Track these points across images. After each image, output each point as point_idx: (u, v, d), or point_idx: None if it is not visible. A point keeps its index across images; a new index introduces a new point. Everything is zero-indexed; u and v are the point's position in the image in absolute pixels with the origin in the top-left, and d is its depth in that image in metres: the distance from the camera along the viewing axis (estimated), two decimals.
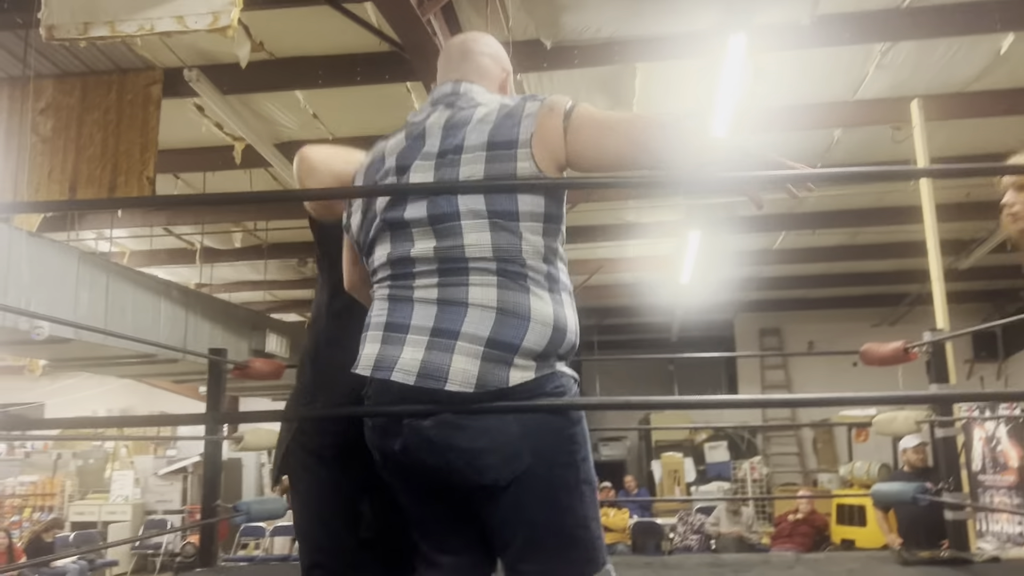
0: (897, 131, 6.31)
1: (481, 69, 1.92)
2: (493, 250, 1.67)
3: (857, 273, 11.59)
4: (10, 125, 5.65)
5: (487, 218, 1.68)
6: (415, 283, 1.72)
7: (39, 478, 12.79)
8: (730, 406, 10.26)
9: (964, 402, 4.90)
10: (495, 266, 1.67)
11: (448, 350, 1.63)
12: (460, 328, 1.64)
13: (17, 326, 5.44)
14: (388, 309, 1.74)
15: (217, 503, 4.86)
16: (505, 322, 1.64)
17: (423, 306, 1.69)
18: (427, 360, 1.64)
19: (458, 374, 1.61)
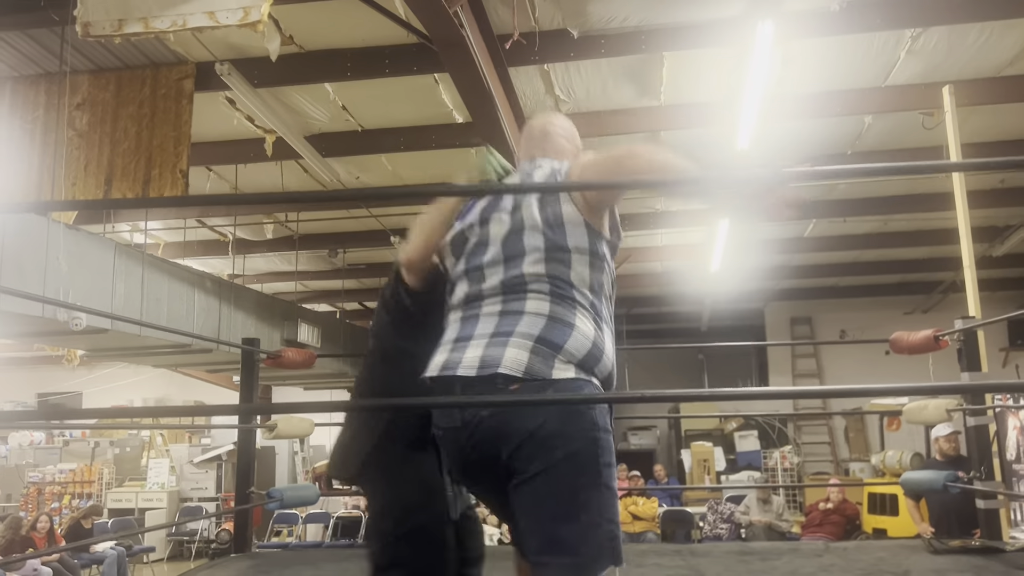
0: (928, 117, 6.23)
1: (559, 148, 2.38)
2: (547, 275, 2.02)
3: (889, 261, 11.47)
4: (47, 120, 5.76)
5: (543, 251, 2.04)
6: (482, 304, 2.07)
7: (77, 466, 13.06)
8: (761, 397, 10.25)
9: (996, 392, 4.85)
10: (548, 287, 2.02)
11: (503, 345, 1.95)
12: (515, 328, 1.97)
13: (56, 317, 5.56)
14: (458, 328, 2.09)
15: (251, 490, 4.96)
16: (553, 327, 1.97)
17: (487, 319, 2.04)
18: (485, 355, 1.95)
19: (510, 360, 1.92)
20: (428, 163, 7.48)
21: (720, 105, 6.19)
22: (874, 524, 9.17)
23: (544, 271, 2.03)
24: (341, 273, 11.22)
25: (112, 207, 7.61)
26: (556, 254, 2.04)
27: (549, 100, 6.31)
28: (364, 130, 6.82)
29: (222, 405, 13.88)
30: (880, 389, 2.22)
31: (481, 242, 2.15)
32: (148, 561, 11.04)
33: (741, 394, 6.26)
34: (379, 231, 9.39)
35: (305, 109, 6.39)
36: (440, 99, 6.26)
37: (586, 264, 2.07)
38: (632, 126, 6.58)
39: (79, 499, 12.45)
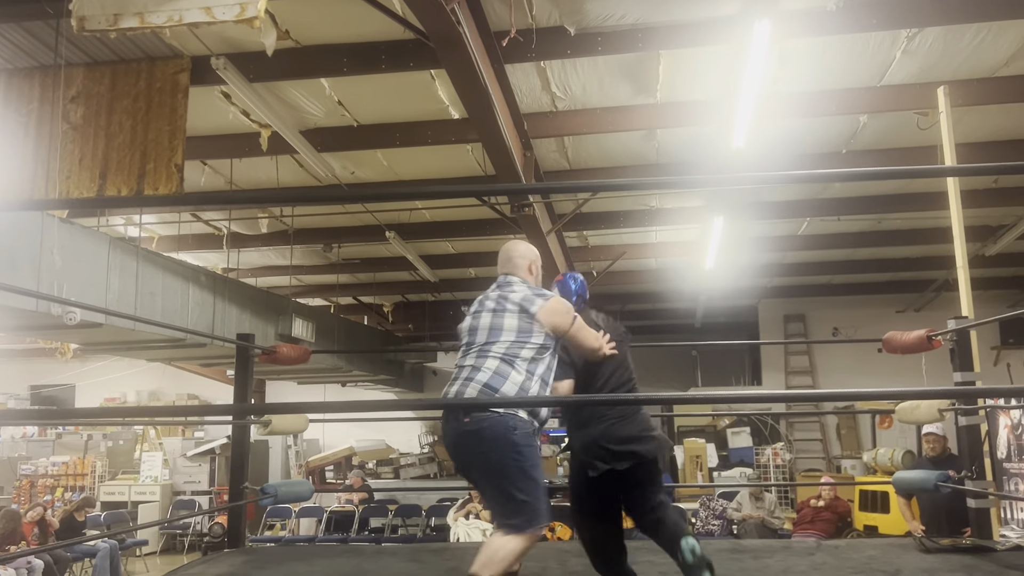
0: (923, 117, 6.24)
1: (518, 267, 3.57)
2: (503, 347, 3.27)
3: (882, 259, 11.50)
4: (42, 113, 5.74)
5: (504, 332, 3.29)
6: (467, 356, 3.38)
7: (70, 458, 13.05)
8: (753, 400, 10.25)
9: (987, 397, 4.88)
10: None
11: (466, 386, 3.25)
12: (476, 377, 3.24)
13: (50, 311, 5.54)
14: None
15: (244, 485, 4.97)
16: (496, 378, 3.20)
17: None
18: (458, 391, 3.27)
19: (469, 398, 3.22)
20: (424, 159, 7.48)
21: (716, 103, 6.20)
22: (865, 521, 9.22)
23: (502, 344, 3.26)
24: (336, 268, 11.21)
25: (106, 206, 7.58)
26: (510, 336, 3.27)
27: (545, 97, 6.31)
28: (360, 125, 6.81)
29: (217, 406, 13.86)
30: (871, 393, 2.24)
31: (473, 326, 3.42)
32: (141, 554, 11.04)
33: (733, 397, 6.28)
34: (374, 226, 9.39)
35: (301, 104, 6.38)
36: (436, 95, 6.26)
37: (527, 346, 3.25)
38: (628, 124, 6.59)
39: (72, 492, 12.44)
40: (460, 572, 4.13)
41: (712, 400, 9.06)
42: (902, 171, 5.33)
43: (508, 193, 6.90)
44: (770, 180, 6.27)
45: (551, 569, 4.25)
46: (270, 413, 5.40)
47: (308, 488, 5.42)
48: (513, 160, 5.94)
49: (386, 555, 4.98)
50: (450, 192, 7.58)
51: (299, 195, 7.02)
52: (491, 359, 3.20)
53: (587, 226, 9.46)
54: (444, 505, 11.09)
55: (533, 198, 7.15)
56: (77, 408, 14.40)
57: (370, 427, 14.18)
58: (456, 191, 7.88)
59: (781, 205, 8.93)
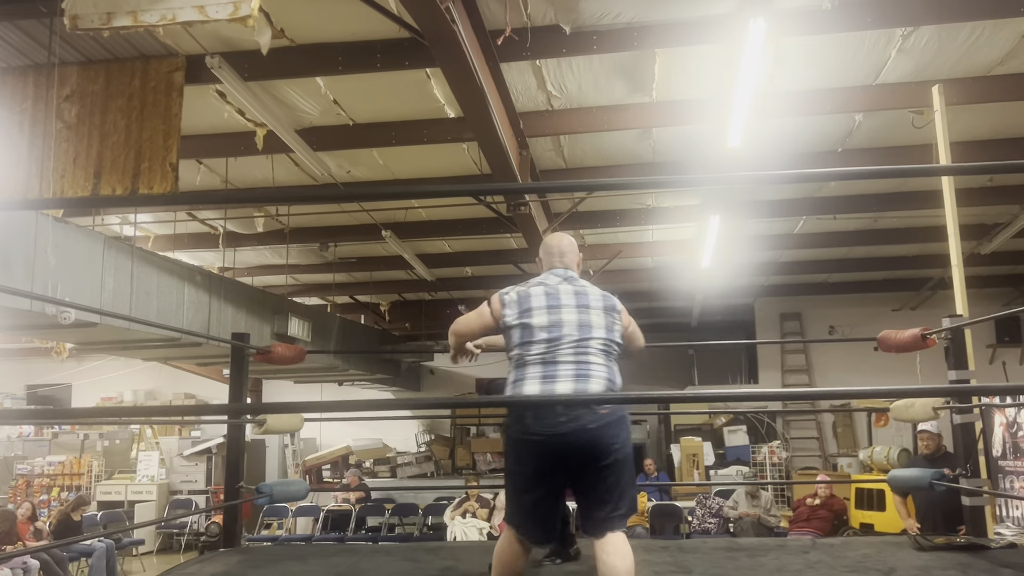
0: (918, 115, 6.25)
1: (573, 261, 3.58)
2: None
3: (878, 257, 11.52)
4: (36, 112, 5.73)
5: (595, 329, 3.30)
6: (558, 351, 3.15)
7: (67, 458, 13.03)
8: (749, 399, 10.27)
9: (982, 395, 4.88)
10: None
11: (587, 382, 3.15)
12: (593, 372, 3.19)
13: (45, 311, 5.53)
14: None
15: (241, 484, 4.96)
16: (611, 371, 3.24)
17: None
18: (579, 387, 3.08)
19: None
20: (419, 158, 7.47)
21: (712, 102, 6.20)
22: (861, 519, 9.23)
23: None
24: (332, 267, 11.21)
25: (101, 205, 7.57)
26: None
27: (541, 96, 6.31)
28: (355, 124, 6.81)
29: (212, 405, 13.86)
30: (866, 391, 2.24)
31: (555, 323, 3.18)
32: (137, 554, 11.03)
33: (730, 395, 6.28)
34: (370, 225, 9.38)
35: (296, 103, 6.37)
36: (432, 94, 6.25)
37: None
38: (624, 122, 6.59)
39: (68, 491, 12.42)
40: (456, 571, 4.13)
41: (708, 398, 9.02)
42: (897, 170, 5.33)
43: (504, 192, 6.91)
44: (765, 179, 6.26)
45: (549, 568, 4.25)
46: (266, 413, 5.39)
47: (304, 487, 5.41)
48: (509, 159, 5.94)
49: (382, 554, 4.97)
50: (446, 191, 7.58)
51: (295, 194, 7.01)
52: (594, 354, 3.13)
53: (583, 225, 9.46)
54: (441, 504, 11.10)
55: (529, 197, 7.15)
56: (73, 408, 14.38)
57: (367, 426, 14.17)
58: (452, 190, 7.87)
59: (777, 204, 8.94)
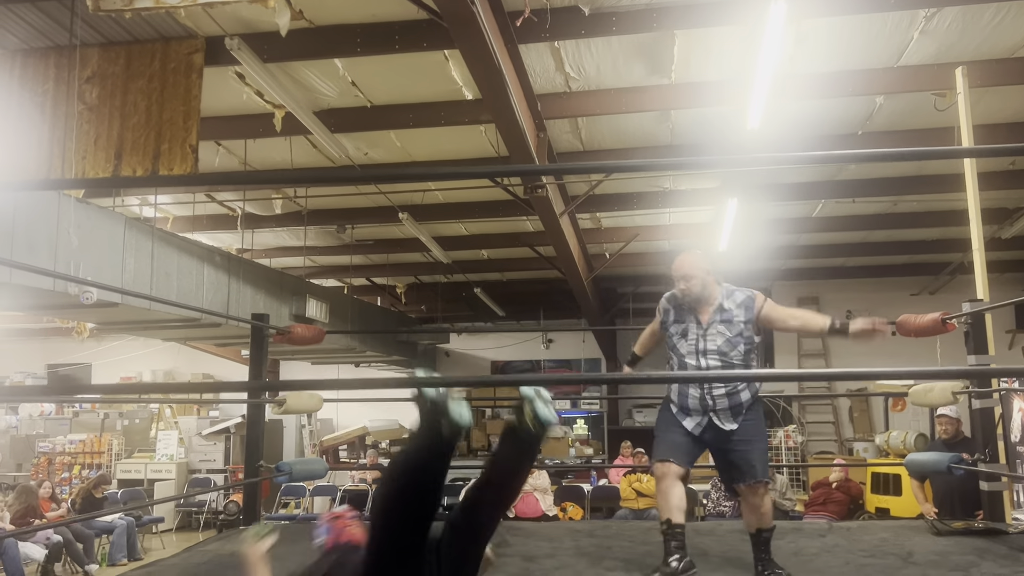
0: (941, 98, 6.19)
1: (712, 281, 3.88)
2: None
3: (897, 242, 11.43)
4: (57, 93, 5.76)
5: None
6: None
7: (87, 437, 13.18)
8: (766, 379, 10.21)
9: (1003, 377, 4.86)
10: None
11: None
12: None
13: (67, 290, 5.59)
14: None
15: (260, 463, 5.02)
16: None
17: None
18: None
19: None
20: (437, 140, 7.47)
21: (731, 84, 6.16)
22: (877, 504, 9.22)
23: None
24: (349, 249, 11.24)
25: (122, 186, 7.61)
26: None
27: (559, 78, 6.28)
28: (373, 106, 6.81)
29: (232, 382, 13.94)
30: (884, 373, 2.23)
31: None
32: (157, 531, 11.17)
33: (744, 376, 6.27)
34: (387, 207, 9.39)
35: (314, 84, 6.38)
36: (450, 75, 6.24)
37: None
38: (642, 104, 6.56)
39: (89, 469, 12.59)
40: None
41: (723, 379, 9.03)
42: (919, 152, 5.27)
43: (521, 174, 6.89)
44: (785, 161, 6.22)
45: (563, 548, 4.28)
46: (285, 390, 5.44)
47: (323, 466, 5.47)
48: (526, 141, 5.93)
49: None
50: (463, 173, 7.56)
51: (313, 175, 7.02)
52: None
53: (600, 208, 9.44)
54: (457, 484, 11.16)
55: (546, 179, 7.13)
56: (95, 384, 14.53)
57: (383, 407, 14.25)
58: (469, 172, 7.86)
59: (796, 187, 8.88)
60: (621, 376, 2.57)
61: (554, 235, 8.34)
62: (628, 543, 4.39)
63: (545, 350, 15.64)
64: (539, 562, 3.95)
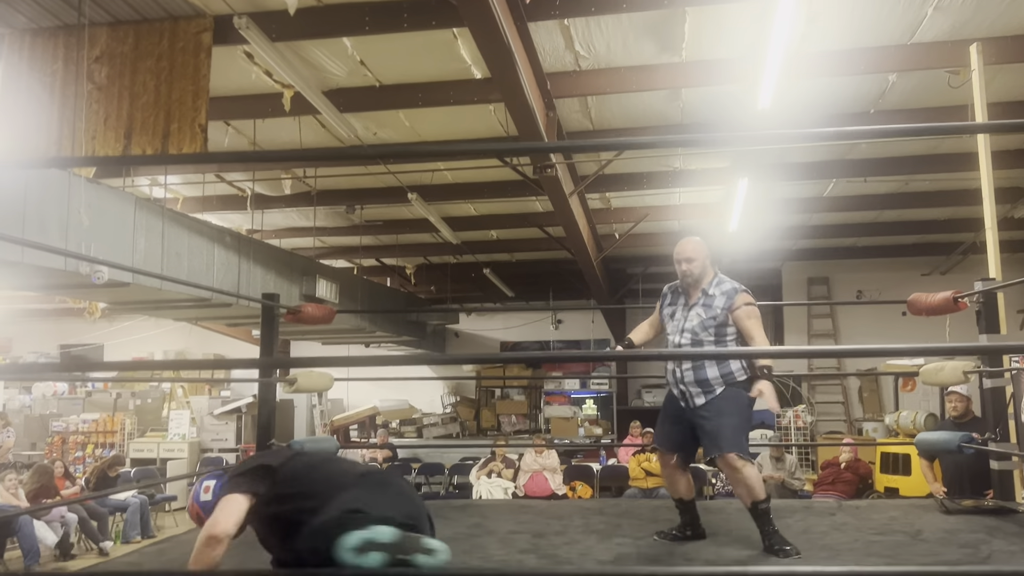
0: (954, 75, 6.13)
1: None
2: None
3: (909, 221, 11.38)
4: (66, 73, 5.76)
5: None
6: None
7: (100, 416, 13.28)
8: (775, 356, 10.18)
9: (1015, 353, 4.84)
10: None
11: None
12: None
13: (78, 270, 5.61)
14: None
15: (271, 442, 5.05)
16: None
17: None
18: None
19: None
20: (446, 119, 7.45)
21: (742, 62, 6.12)
22: (886, 483, 9.22)
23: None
24: (358, 229, 11.25)
25: (132, 164, 7.63)
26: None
27: (569, 56, 6.25)
28: (382, 85, 6.79)
29: (244, 359, 14.00)
30: (896, 350, 2.23)
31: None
32: (170, 509, 11.27)
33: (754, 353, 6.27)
34: (396, 188, 9.39)
35: (323, 64, 6.36)
36: (459, 54, 6.22)
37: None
38: (652, 83, 6.52)
39: (102, 448, 12.69)
40: (483, 528, 4.20)
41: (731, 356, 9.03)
42: (930, 128, 5.22)
43: (531, 152, 6.88)
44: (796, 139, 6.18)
45: (573, 525, 4.30)
46: (295, 366, 5.46)
47: (334, 445, 5.50)
48: (536, 120, 5.90)
49: None
50: (472, 151, 7.55)
51: (321, 154, 7.02)
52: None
53: (610, 188, 9.41)
54: (467, 464, 11.23)
55: (556, 159, 7.11)
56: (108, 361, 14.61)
57: (393, 387, 14.32)
58: (478, 150, 7.84)
59: (807, 166, 8.83)
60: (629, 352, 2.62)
61: (563, 215, 8.32)
62: (637, 521, 4.41)
63: (554, 330, 15.66)
64: (548, 539, 3.97)
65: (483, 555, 3.61)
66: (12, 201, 5.18)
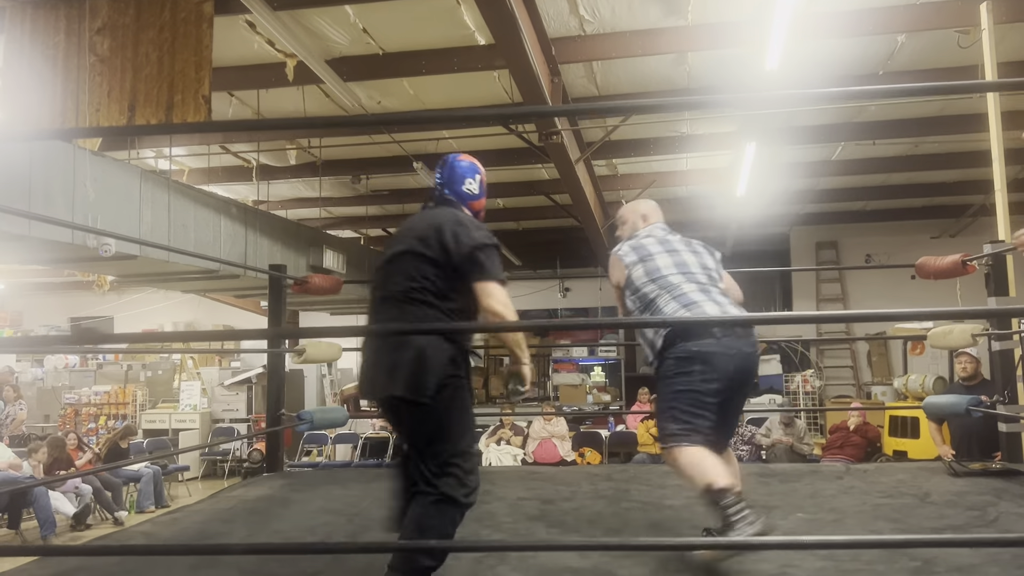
0: (964, 35, 6.04)
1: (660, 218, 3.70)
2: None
3: (918, 184, 11.29)
4: (68, 46, 5.74)
5: (713, 271, 3.40)
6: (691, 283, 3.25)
7: (112, 388, 13.40)
8: (784, 322, 10.19)
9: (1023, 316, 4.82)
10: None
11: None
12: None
13: (86, 243, 5.63)
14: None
15: (282, 412, 5.08)
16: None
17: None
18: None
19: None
20: (450, 87, 7.40)
21: (749, 24, 6.04)
22: (895, 447, 9.25)
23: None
24: (365, 199, 11.22)
25: (137, 134, 7.61)
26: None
27: (573, 21, 6.18)
28: (385, 53, 6.74)
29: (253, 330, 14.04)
30: (905, 314, 2.22)
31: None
32: (183, 479, 11.40)
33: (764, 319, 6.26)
34: (402, 157, 9.35)
35: (326, 32, 6.31)
36: (462, 20, 6.15)
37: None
38: (658, 47, 6.45)
39: (114, 420, 12.82)
40: (492, 495, 4.23)
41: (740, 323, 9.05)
42: (940, 87, 5.15)
43: (536, 116, 6.81)
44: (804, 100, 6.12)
45: (581, 491, 4.34)
46: (303, 337, 5.49)
47: (343, 414, 5.53)
48: (541, 86, 5.85)
49: None
50: (477, 117, 7.51)
51: (326, 122, 6.97)
52: (720, 291, 3.25)
53: (616, 154, 9.35)
54: (476, 432, 11.29)
55: (561, 125, 7.06)
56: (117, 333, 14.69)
57: None
58: (483, 116, 7.80)
59: (815, 129, 8.76)
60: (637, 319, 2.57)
61: (570, 183, 8.28)
62: (645, 486, 4.44)
63: (562, 298, 15.66)
64: (557, 504, 4.01)
65: (493, 522, 3.64)
66: (18, 174, 5.18)
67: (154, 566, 3.00)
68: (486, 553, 3.01)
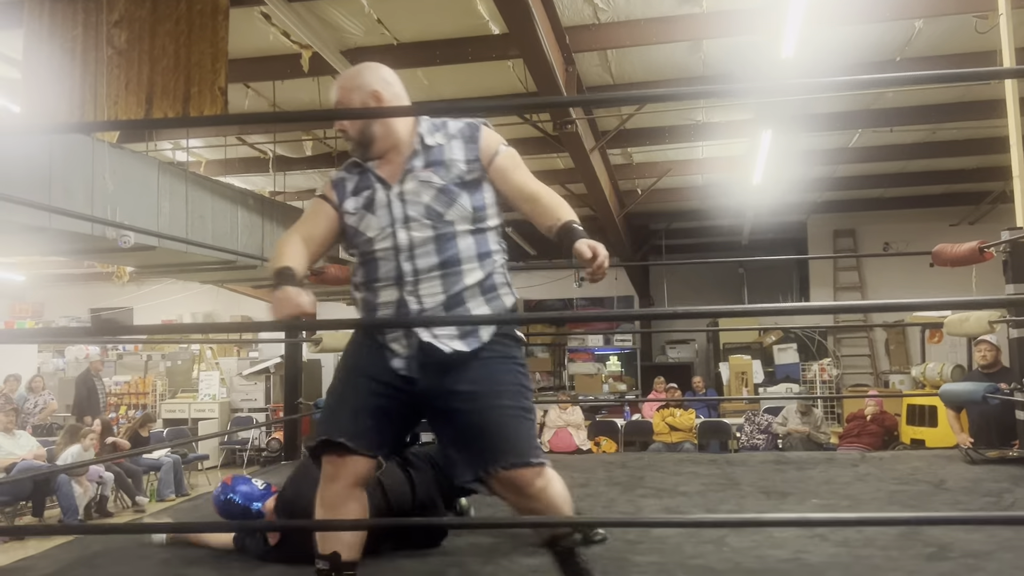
0: (982, 20, 5.98)
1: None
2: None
3: (936, 171, 11.20)
4: (86, 39, 5.79)
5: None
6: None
7: (132, 378, 13.54)
8: (800, 312, 10.19)
9: None
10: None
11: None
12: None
13: (105, 235, 5.69)
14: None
15: (299, 401, 5.13)
16: None
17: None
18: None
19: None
20: (465, 77, 7.40)
21: (765, 11, 6.01)
22: (912, 435, 9.21)
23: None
24: None
25: (154, 127, 7.68)
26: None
27: (587, 9, 6.17)
28: (400, 44, 6.75)
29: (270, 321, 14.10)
30: (920, 303, 2.22)
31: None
32: (203, 468, 11.52)
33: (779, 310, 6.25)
34: None
35: (340, 23, 6.33)
36: (476, 10, 6.16)
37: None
38: (673, 35, 6.43)
39: (135, 409, 12.96)
40: None
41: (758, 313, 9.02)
42: (958, 74, 5.11)
43: (551, 106, 6.82)
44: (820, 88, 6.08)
45: (596, 478, 4.36)
46: (320, 328, 5.53)
47: None
48: (555, 75, 5.85)
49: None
50: (491, 107, 7.51)
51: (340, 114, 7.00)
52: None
53: (631, 143, 9.33)
54: None
55: (576, 115, 7.06)
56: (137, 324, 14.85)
57: None
58: (497, 106, 7.80)
59: (831, 117, 8.70)
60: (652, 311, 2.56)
61: (585, 172, 8.28)
62: (660, 474, 4.46)
63: (577, 288, 15.63)
64: (572, 491, 4.01)
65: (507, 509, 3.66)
66: (38, 167, 5.24)
67: (174, 551, 3.05)
68: (501, 538, 3.04)
